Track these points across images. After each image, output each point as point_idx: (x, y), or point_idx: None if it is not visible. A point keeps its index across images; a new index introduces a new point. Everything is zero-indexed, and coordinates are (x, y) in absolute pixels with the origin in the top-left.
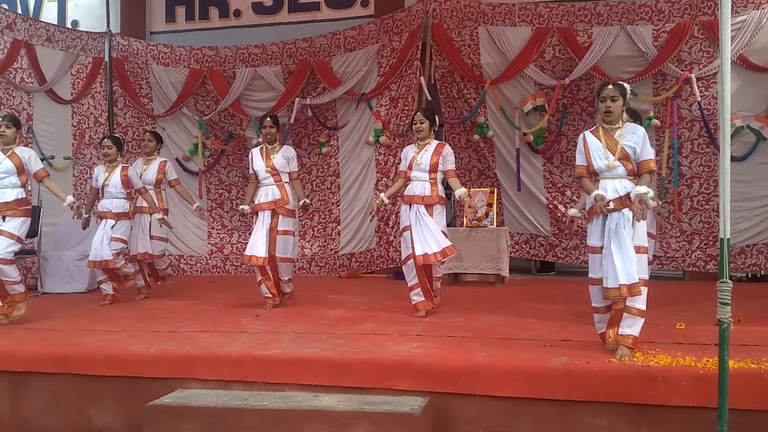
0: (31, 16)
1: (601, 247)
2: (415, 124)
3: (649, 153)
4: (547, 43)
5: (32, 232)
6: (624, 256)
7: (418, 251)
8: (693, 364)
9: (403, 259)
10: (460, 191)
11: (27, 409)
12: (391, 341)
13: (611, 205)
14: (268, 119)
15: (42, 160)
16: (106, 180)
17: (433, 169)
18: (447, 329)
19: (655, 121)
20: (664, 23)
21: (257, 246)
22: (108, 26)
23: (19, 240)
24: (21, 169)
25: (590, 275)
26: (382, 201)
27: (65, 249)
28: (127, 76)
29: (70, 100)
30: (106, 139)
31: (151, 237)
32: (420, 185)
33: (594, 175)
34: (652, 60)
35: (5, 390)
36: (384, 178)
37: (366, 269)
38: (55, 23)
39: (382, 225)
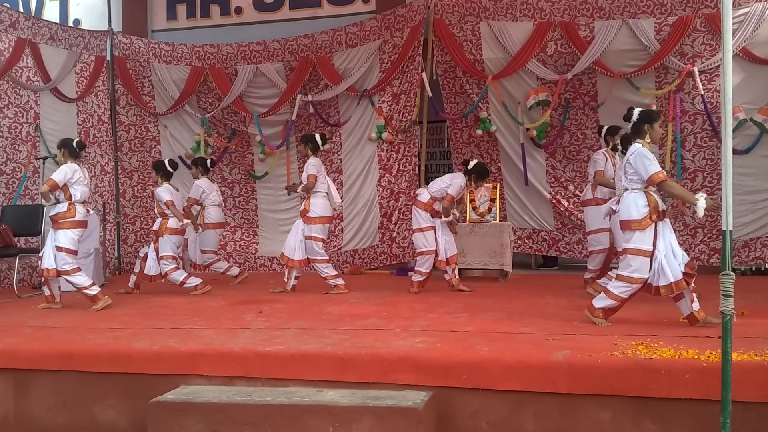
0: (33, 15)
1: None
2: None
3: None
4: (549, 38)
5: (36, 231)
6: None
7: (442, 255)
8: (696, 357)
9: (417, 252)
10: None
11: (32, 406)
12: (395, 336)
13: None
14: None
15: (47, 158)
16: None
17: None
18: (450, 324)
19: None
20: (666, 16)
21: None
22: (110, 24)
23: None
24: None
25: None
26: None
27: None
28: (129, 75)
29: (75, 99)
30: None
31: (202, 251)
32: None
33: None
34: (654, 53)
35: (10, 388)
36: (387, 174)
37: (369, 266)
38: (57, 22)
39: (385, 221)
